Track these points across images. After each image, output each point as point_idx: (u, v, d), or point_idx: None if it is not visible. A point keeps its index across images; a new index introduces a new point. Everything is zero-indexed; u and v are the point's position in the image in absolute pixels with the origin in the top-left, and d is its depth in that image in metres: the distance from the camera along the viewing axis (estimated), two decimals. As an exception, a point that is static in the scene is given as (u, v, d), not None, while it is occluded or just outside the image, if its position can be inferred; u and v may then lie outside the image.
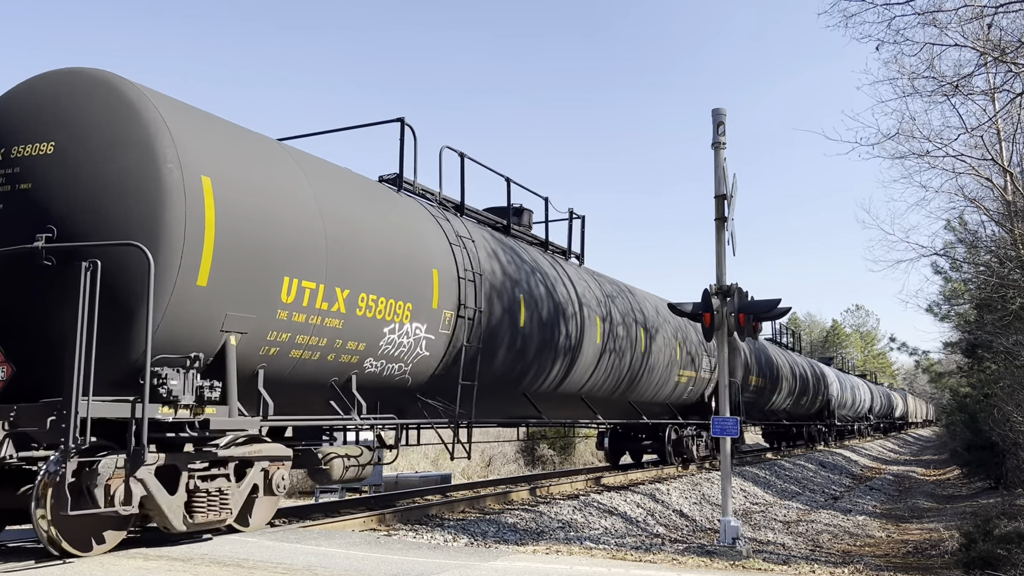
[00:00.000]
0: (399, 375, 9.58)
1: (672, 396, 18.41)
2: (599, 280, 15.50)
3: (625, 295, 16.33)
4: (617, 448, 20.63)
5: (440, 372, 10.18)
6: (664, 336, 17.22)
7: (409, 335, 9.41)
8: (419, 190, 11.14)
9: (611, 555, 8.63)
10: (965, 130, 15.83)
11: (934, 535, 15.46)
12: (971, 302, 23.94)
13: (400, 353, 9.40)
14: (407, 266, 9.35)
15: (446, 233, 10.45)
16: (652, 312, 17.09)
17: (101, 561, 6.38)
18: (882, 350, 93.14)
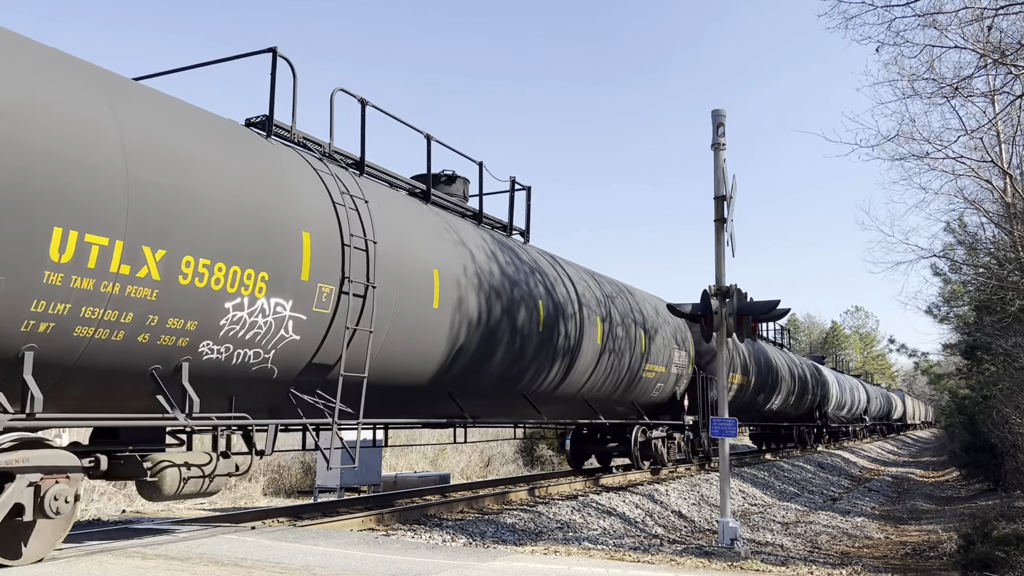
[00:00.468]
0: (257, 364, 7.71)
1: (636, 393, 16.60)
2: (540, 258, 13.42)
3: (556, 268, 13.88)
4: (580, 451, 18.66)
5: (319, 361, 8.38)
6: (625, 325, 15.43)
7: (267, 313, 7.54)
8: (299, 138, 9.09)
9: (609, 555, 8.63)
10: (965, 132, 15.84)
11: (932, 537, 15.46)
12: (970, 304, 23.95)
13: (254, 336, 7.50)
14: (263, 226, 7.45)
15: (329, 190, 8.52)
16: (603, 295, 15.05)
17: (100, 560, 6.38)
18: (881, 352, 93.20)
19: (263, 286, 7.47)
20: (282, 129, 8.90)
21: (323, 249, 8.16)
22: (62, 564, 6.17)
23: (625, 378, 15.73)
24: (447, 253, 10.32)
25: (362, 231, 8.74)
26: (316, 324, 8.17)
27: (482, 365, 11.02)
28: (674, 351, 18.08)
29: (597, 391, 14.84)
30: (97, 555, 6.61)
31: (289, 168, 8.23)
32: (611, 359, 14.88)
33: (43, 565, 6.12)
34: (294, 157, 8.56)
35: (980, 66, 13.16)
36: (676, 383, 18.45)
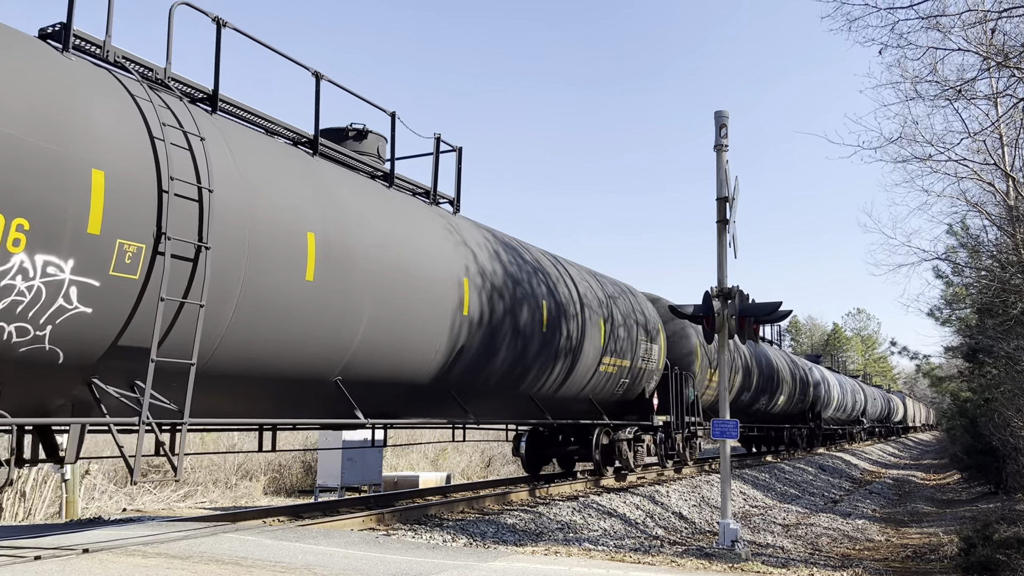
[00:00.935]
0: (25, 344, 5.90)
1: (593, 389, 14.67)
2: (460, 225, 11.52)
3: (511, 251, 12.53)
4: (537, 455, 16.59)
5: (131, 343, 6.60)
6: (576, 314, 13.56)
7: (30, 275, 5.76)
8: (115, 58, 7.23)
9: (610, 556, 8.63)
10: (968, 134, 15.80)
11: (933, 539, 15.45)
12: (972, 306, 23.93)
13: (13, 307, 5.73)
14: (17, 157, 5.67)
15: (147, 120, 6.75)
16: (537, 271, 12.94)
17: (101, 559, 6.38)
18: (883, 354, 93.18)
19: (20, 237, 5.66)
20: (90, 44, 7.08)
21: (126, 194, 6.32)
22: (62, 562, 6.17)
23: (578, 372, 13.63)
24: (330, 215, 8.51)
25: (195, 176, 6.94)
26: (117, 293, 6.34)
27: (376, 351, 9.12)
28: (641, 343, 16.16)
29: (542, 386, 12.86)
30: (98, 553, 6.61)
31: (84, 88, 6.42)
32: (558, 348, 12.80)
33: (43, 562, 6.12)
34: (98, 77, 6.75)
35: (983, 69, 13.14)
36: (643, 379, 16.59)
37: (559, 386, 13.38)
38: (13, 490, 16.02)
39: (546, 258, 13.93)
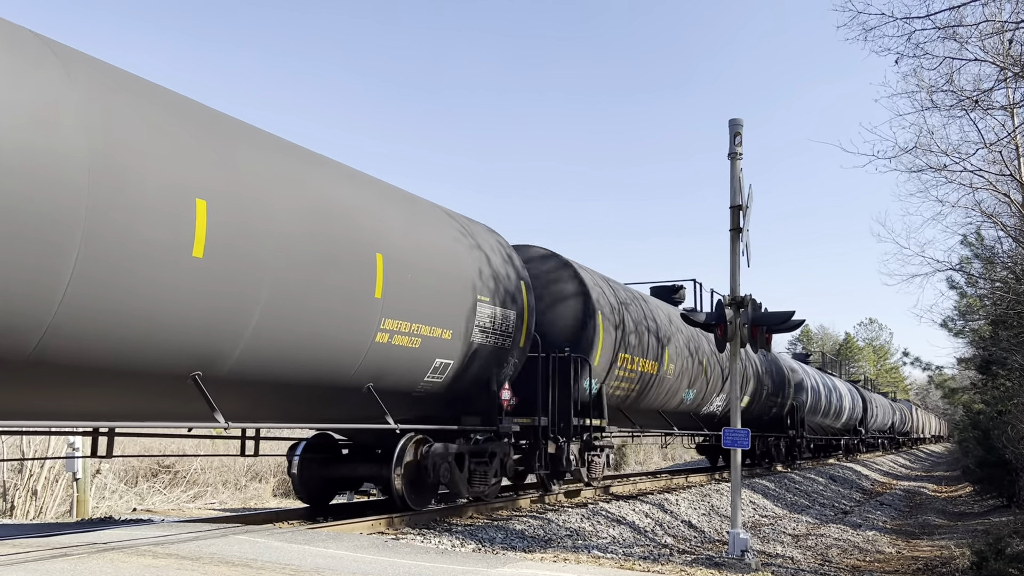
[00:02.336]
0: None
1: (375, 375, 9.48)
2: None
3: None
4: (318, 477, 11.11)
5: None
6: None
7: None
8: None
9: (619, 564, 8.60)
10: (983, 145, 15.75)
11: (945, 552, 15.34)
12: (986, 318, 23.78)
13: None
14: None
15: None
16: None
17: (111, 558, 6.41)
18: (895, 364, 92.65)
19: None
20: None
21: None
22: (74, 561, 6.20)
23: (328, 341, 8.51)
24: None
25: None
26: None
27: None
28: (482, 307, 10.84)
29: (286, 366, 8.26)
30: (109, 553, 6.64)
31: None
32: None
33: (55, 561, 6.15)
34: None
35: (1000, 79, 13.11)
36: (487, 363, 11.32)
37: (307, 364, 8.42)
38: (25, 488, 16.12)
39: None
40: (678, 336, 17.70)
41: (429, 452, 10.55)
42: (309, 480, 11.12)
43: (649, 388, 16.32)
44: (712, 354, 19.44)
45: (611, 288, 15.29)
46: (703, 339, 18.96)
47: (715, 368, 19.90)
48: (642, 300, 16.97)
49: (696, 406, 19.43)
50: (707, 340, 18.97)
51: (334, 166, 9.32)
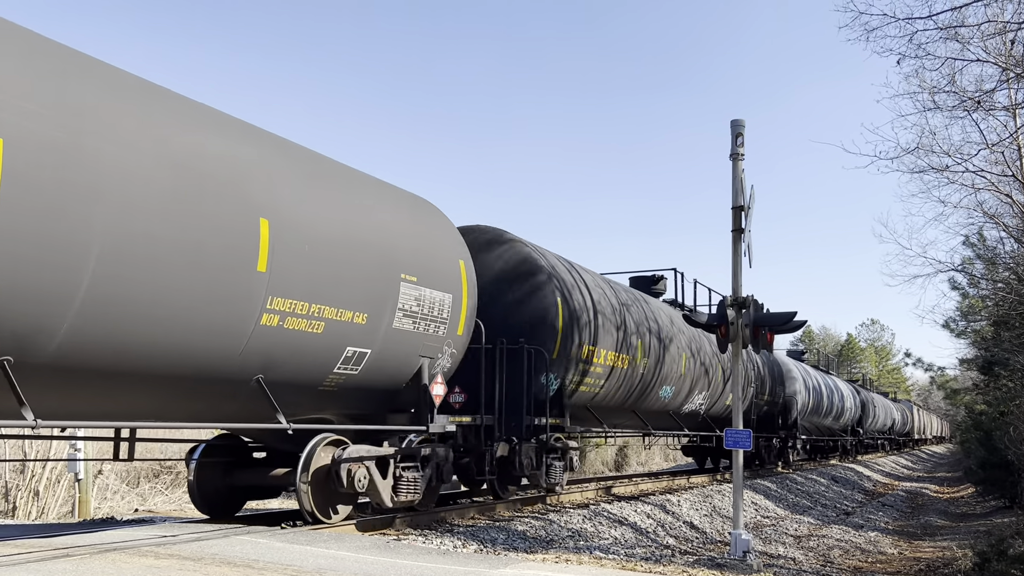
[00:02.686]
0: None
1: (264, 363, 8.05)
2: None
3: None
4: (221, 484, 9.80)
5: None
6: None
7: None
8: None
9: (621, 565, 8.60)
10: (985, 146, 15.72)
11: (947, 553, 15.32)
12: (988, 319, 23.77)
13: None
14: None
15: None
16: None
17: (113, 559, 6.41)
18: (897, 365, 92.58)
19: None
20: None
21: None
22: (76, 561, 6.21)
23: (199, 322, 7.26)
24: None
25: None
26: None
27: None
28: (405, 287, 9.45)
29: None
30: (111, 553, 6.64)
31: None
32: None
33: (57, 561, 6.16)
34: None
35: (1002, 80, 13.09)
36: (407, 353, 9.79)
37: (172, 349, 7.11)
38: (27, 489, 16.13)
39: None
40: (654, 329, 16.23)
41: (341, 456, 9.07)
42: (208, 488, 9.66)
43: (621, 385, 14.73)
44: (691, 347, 18.09)
45: (579, 275, 13.99)
46: (680, 333, 17.60)
47: (696, 363, 18.30)
48: (617, 290, 15.66)
49: (677, 405, 18.02)
50: (685, 334, 17.92)
51: (214, 116, 7.92)
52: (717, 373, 19.78)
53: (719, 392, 20.06)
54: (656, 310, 17.03)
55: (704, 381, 18.95)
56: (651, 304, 17.09)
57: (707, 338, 18.57)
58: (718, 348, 11.17)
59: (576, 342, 12.99)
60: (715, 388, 19.78)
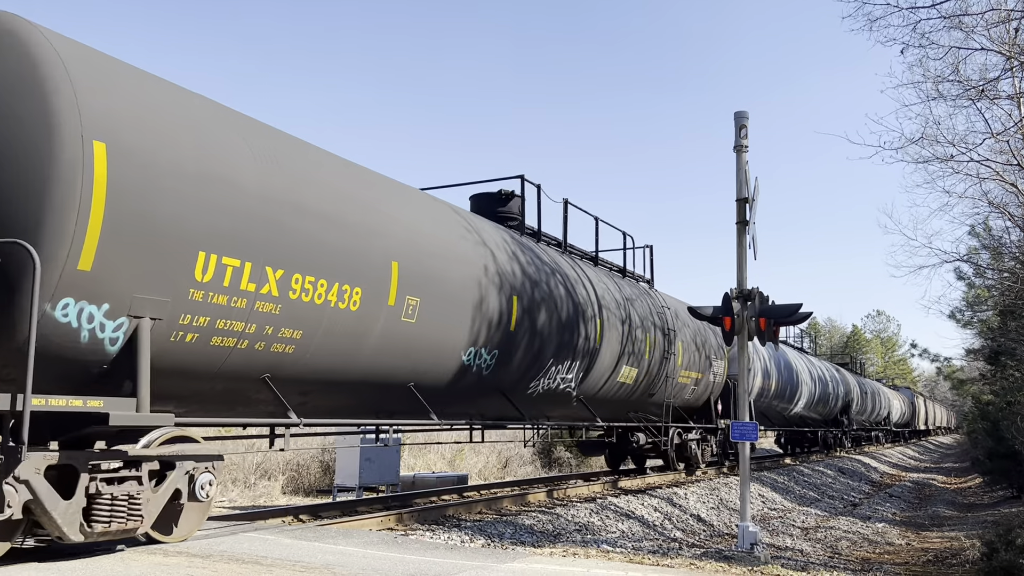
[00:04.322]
0: None
1: None
2: None
3: None
4: None
5: None
6: None
7: None
8: None
9: (628, 559, 8.60)
10: (990, 135, 15.65)
11: (955, 544, 15.30)
12: (995, 308, 23.71)
13: None
14: None
15: None
16: None
17: (122, 557, 6.43)
18: (903, 356, 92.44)
19: None
20: None
21: None
22: (85, 560, 6.23)
23: None
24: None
25: None
26: None
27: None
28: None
29: None
30: (120, 552, 6.66)
31: None
32: None
33: (68, 561, 6.18)
34: None
35: (1007, 68, 13.03)
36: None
37: None
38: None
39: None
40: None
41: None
42: None
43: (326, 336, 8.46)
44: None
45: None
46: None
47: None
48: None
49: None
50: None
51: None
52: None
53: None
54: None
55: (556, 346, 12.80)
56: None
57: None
58: (724, 341, 11.13)
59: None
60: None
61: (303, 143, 8.54)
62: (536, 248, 12.92)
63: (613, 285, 14.98)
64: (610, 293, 14.52)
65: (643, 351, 15.30)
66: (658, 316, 16.28)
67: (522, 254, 11.98)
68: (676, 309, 17.63)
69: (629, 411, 16.14)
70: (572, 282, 13.10)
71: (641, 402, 16.18)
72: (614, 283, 15.20)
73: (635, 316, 15.08)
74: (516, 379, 11.71)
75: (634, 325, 14.92)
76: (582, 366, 13.26)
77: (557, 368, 12.51)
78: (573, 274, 13.41)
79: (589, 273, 14.23)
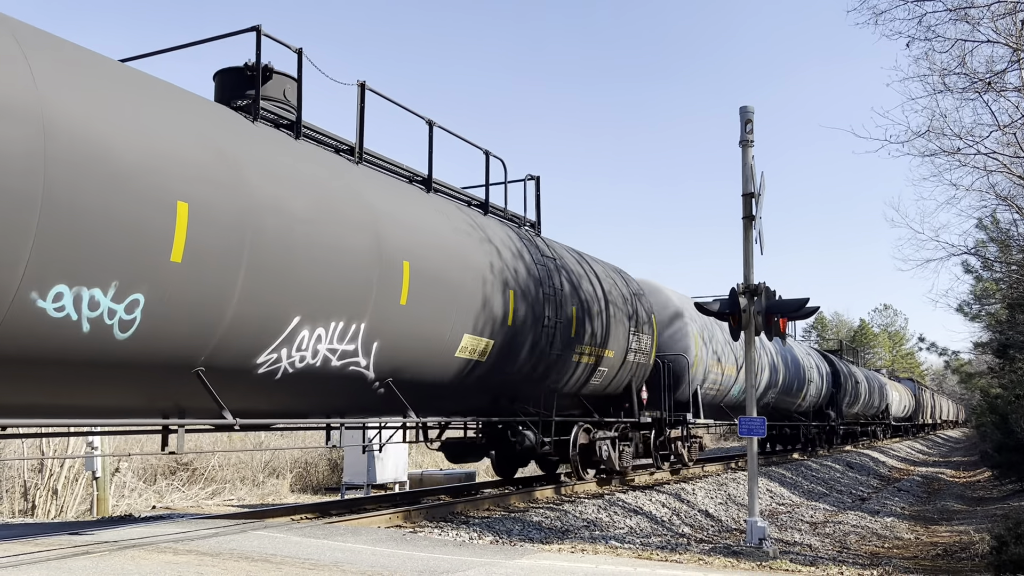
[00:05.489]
0: None
1: None
2: None
3: None
4: None
5: None
6: None
7: None
8: None
9: (637, 554, 8.61)
10: (997, 127, 15.58)
11: (964, 538, 15.27)
12: (1003, 301, 23.63)
13: None
14: None
15: None
16: None
17: (132, 555, 6.47)
18: (911, 350, 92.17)
19: None
20: None
21: None
22: (95, 559, 6.26)
23: None
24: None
25: None
26: None
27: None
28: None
29: None
30: (130, 550, 6.69)
31: None
32: None
33: (77, 559, 6.21)
34: None
35: (1013, 60, 12.98)
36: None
37: None
38: (46, 488, 16.27)
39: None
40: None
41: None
42: None
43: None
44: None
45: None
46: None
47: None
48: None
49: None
50: None
51: None
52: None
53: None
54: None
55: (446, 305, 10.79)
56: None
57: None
58: (731, 336, 11.12)
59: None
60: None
61: None
62: (302, 151, 8.43)
63: (449, 219, 10.49)
64: (438, 227, 10.08)
65: (506, 316, 10.96)
66: (540, 269, 11.95)
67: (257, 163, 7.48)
68: (572, 262, 13.56)
69: (500, 400, 11.93)
70: (347, 204, 8.49)
71: (518, 389, 12.00)
72: (461, 217, 10.88)
73: (495, 266, 10.91)
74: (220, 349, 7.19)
75: (490, 279, 10.70)
76: (374, 330, 8.77)
77: (314, 332, 8.05)
78: (357, 193, 8.79)
79: (397, 196, 9.65)
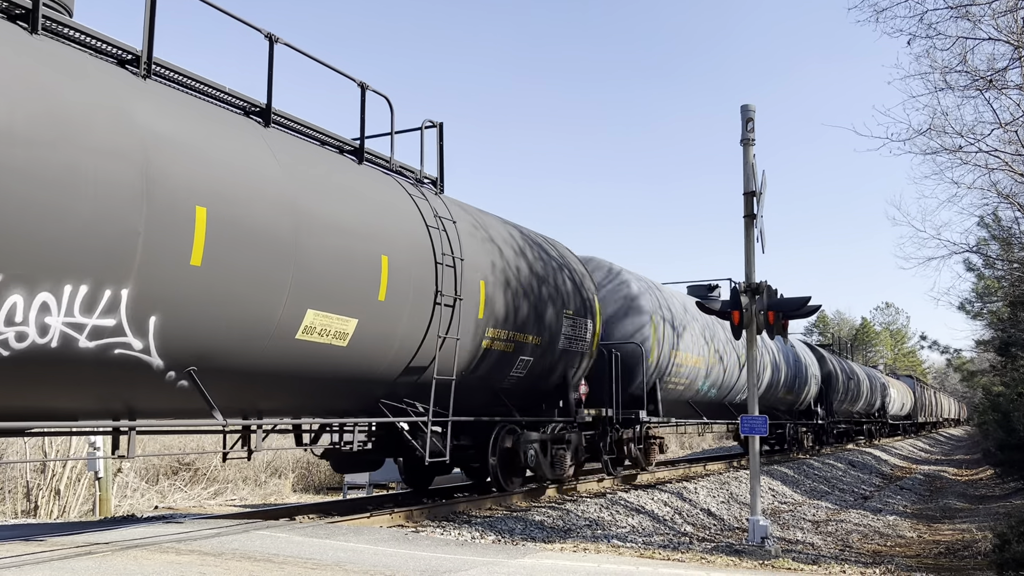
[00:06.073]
0: None
1: None
2: None
3: None
4: None
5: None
6: None
7: None
8: None
9: (639, 553, 8.61)
10: (999, 125, 15.55)
11: (967, 536, 15.26)
12: (1004, 299, 23.61)
13: None
14: None
15: None
16: None
17: (135, 555, 6.47)
18: (913, 348, 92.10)
19: None
20: None
21: None
22: (98, 559, 6.26)
23: None
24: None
25: None
26: None
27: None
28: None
29: None
30: (132, 550, 6.70)
31: None
32: None
33: (80, 559, 6.22)
34: None
35: (1015, 58, 12.96)
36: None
37: None
38: (48, 488, 16.29)
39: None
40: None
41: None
42: None
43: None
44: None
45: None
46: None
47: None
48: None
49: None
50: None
51: None
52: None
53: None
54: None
55: None
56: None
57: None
58: (732, 334, 11.11)
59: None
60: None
61: None
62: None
63: (291, 162, 7.99)
64: (267, 170, 7.57)
65: (378, 289, 8.79)
66: (436, 233, 9.95)
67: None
68: (488, 227, 11.60)
69: (375, 397, 9.64)
70: (96, 122, 6.02)
71: (398, 382, 9.69)
72: (315, 162, 8.49)
73: (364, 226, 8.75)
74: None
75: (356, 244, 8.53)
76: (146, 299, 6.34)
77: (33, 298, 5.58)
78: (118, 110, 6.25)
79: (202, 125, 7.15)
